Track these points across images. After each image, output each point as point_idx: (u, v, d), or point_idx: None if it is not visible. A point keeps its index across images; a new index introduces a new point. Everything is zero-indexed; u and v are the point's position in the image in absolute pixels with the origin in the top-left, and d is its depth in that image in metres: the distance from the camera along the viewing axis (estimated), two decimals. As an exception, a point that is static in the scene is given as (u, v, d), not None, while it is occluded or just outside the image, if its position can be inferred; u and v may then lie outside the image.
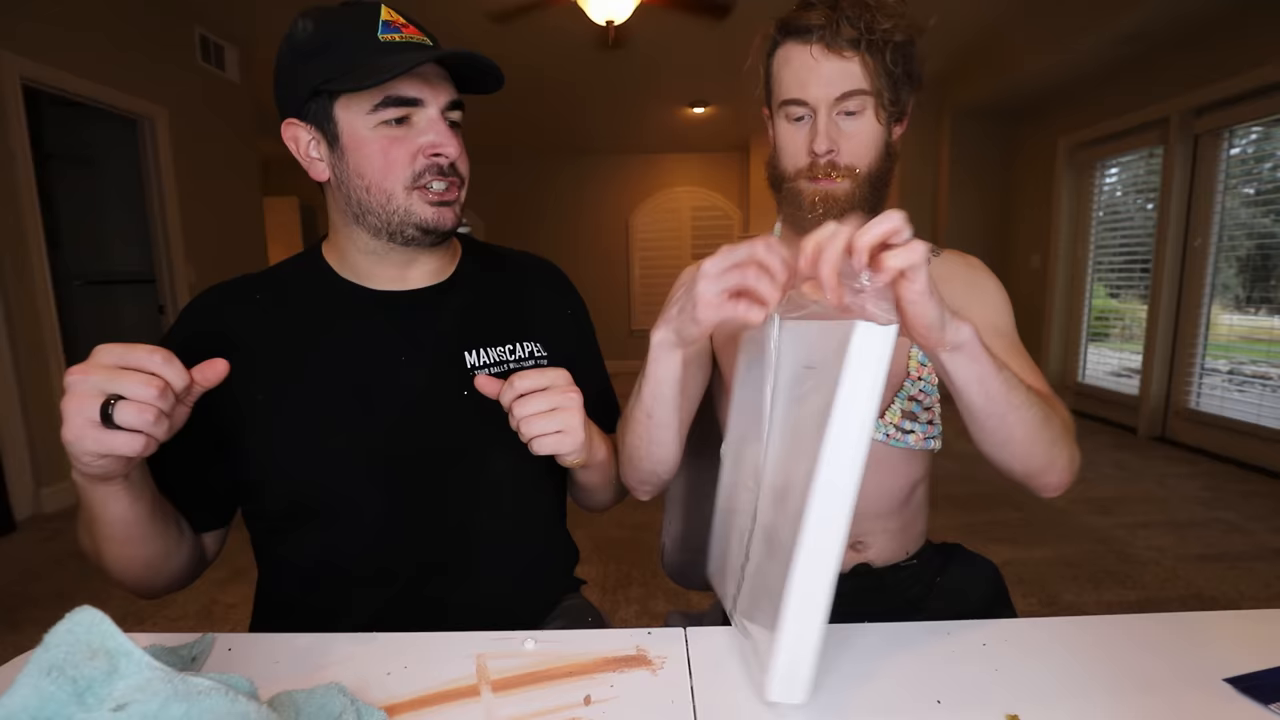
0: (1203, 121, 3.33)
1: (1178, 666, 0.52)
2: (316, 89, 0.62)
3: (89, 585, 2.13)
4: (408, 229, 0.66)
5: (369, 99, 0.62)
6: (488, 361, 0.72)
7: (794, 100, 0.72)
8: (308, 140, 0.66)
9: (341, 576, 0.69)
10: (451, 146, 0.65)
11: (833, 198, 0.74)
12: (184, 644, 0.55)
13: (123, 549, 0.60)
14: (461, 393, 0.69)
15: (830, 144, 0.71)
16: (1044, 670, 0.52)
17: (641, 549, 2.35)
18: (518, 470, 0.72)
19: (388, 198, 0.65)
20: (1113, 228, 4.14)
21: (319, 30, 0.62)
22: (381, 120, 0.63)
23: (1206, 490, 2.83)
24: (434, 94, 0.64)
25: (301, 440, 0.66)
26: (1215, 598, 1.92)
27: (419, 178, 0.65)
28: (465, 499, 0.70)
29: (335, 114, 0.63)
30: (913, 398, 0.78)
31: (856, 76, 0.70)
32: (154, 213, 3.50)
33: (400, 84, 0.62)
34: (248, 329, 0.67)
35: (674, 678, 0.52)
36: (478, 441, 0.70)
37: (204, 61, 3.74)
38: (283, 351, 0.67)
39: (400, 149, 0.64)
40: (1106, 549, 2.27)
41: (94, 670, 0.39)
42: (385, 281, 0.71)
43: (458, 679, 0.52)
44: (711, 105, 5.39)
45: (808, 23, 0.70)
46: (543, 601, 0.80)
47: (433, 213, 0.66)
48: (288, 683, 0.50)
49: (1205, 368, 3.47)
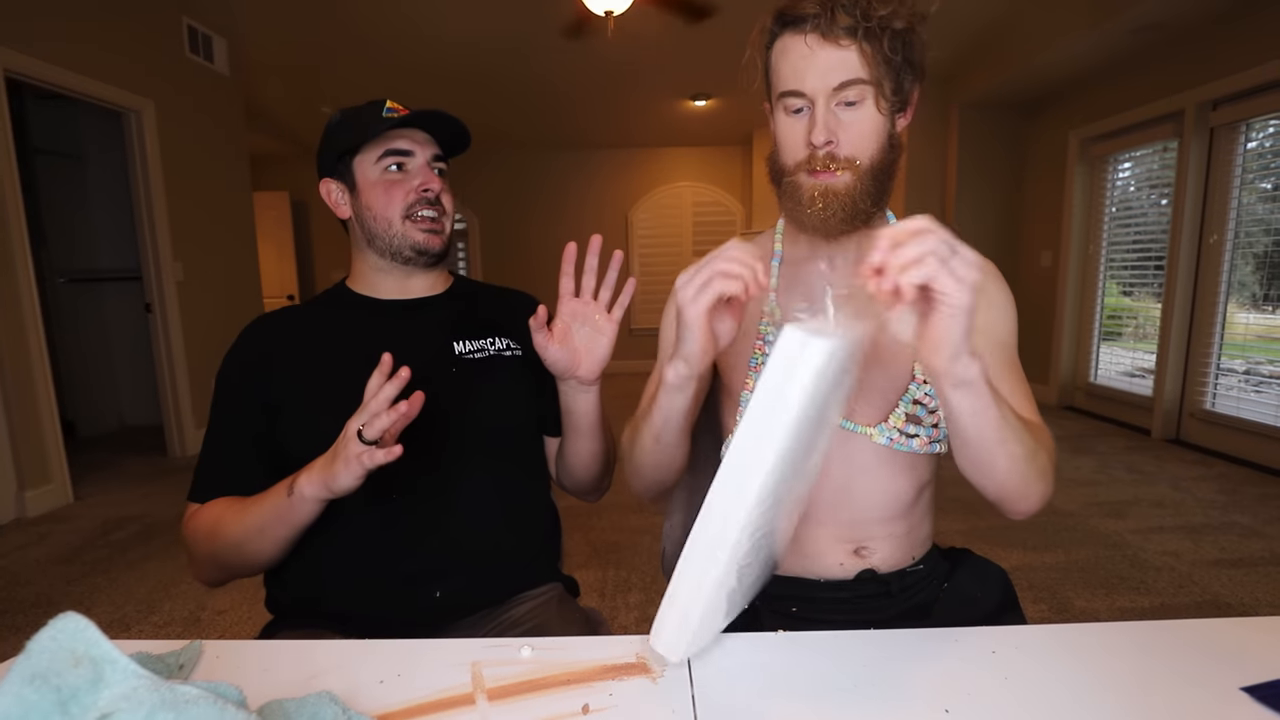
0: (1219, 114, 3.33)
1: (1193, 675, 0.52)
2: (342, 152, 0.89)
3: (73, 591, 2.13)
4: (405, 250, 0.90)
5: (375, 153, 0.88)
6: (472, 349, 0.93)
7: (792, 92, 0.72)
8: (336, 190, 0.92)
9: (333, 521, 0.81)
10: (435, 184, 0.89)
11: (832, 193, 0.74)
12: (171, 651, 0.55)
13: (283, 546, 0.78)
14: (450, 370, 0.90)
15: (829, 135, 0.72)
16: (1055, 679, 0.52)
17: (641, 553, 2.35)
18: (499, 430, 0.91)
19: (389, 224, 0.89)
20: (1126, 224, 4.14)
21: (344, 117, 0.92)
22: (385, 167, 0.88)
23: (1222, 493, 2.83)
24: (421, 149, 0.90)
25: (323, 410, 0.80)
26: (1231, 604, 1.92)
27: (411, 208, 0.89)
28: (452, 455, 0.87)
29: (354, 168, 0.90)
30: (917, 401, 0.78)
31: (854, 65, 0.70)
32: (141, 208, 3.50)
33: (396, 141, 0.88)
34: (292, 341, 0.90)
35: (675, 686, 0.52)
36: (462, 405, 0.89)
37: (192, 53, 3.74)
38: (316, 352, 0.89)
39: (398, 188, 0.88)
40: (1119, 554, 2.27)
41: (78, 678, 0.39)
42: (390, 293, 0.94)
43: (452, 687, 0.52)
44: (713, 98, 5.39)
45: (803, 11, 0.70)
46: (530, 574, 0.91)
47: (423, 237, 0.90)
48: (277, 691, 0.50)
49: (1221, 368, 3.47)
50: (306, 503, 0.72)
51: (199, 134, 3.80)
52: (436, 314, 0.94)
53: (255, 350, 0.88)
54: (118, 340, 4.51)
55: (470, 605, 0.85)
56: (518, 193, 6.88)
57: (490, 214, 6.91)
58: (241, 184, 4.24)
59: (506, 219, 6.91)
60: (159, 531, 2.64)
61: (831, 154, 0.73)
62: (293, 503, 0.73)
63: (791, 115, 0.74)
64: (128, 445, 4.08)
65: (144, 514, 2.85)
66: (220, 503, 0.82)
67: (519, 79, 4.82)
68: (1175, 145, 3.59)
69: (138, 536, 2.60)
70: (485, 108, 5.37)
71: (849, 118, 0.72)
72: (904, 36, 0.70)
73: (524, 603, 0.88)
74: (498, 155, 6.70)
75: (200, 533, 0.81)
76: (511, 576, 0.89)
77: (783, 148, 0.76)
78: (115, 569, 2.30)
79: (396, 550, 0.83)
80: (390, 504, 0.83)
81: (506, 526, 0.89)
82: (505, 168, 6.78)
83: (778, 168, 0.78)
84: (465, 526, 0.86)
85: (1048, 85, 4.32)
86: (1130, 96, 3.83)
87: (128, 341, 4.47)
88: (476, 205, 6.87)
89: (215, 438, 0.86)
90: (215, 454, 0.85)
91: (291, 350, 0.88)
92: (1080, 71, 4.03)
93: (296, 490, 0.72)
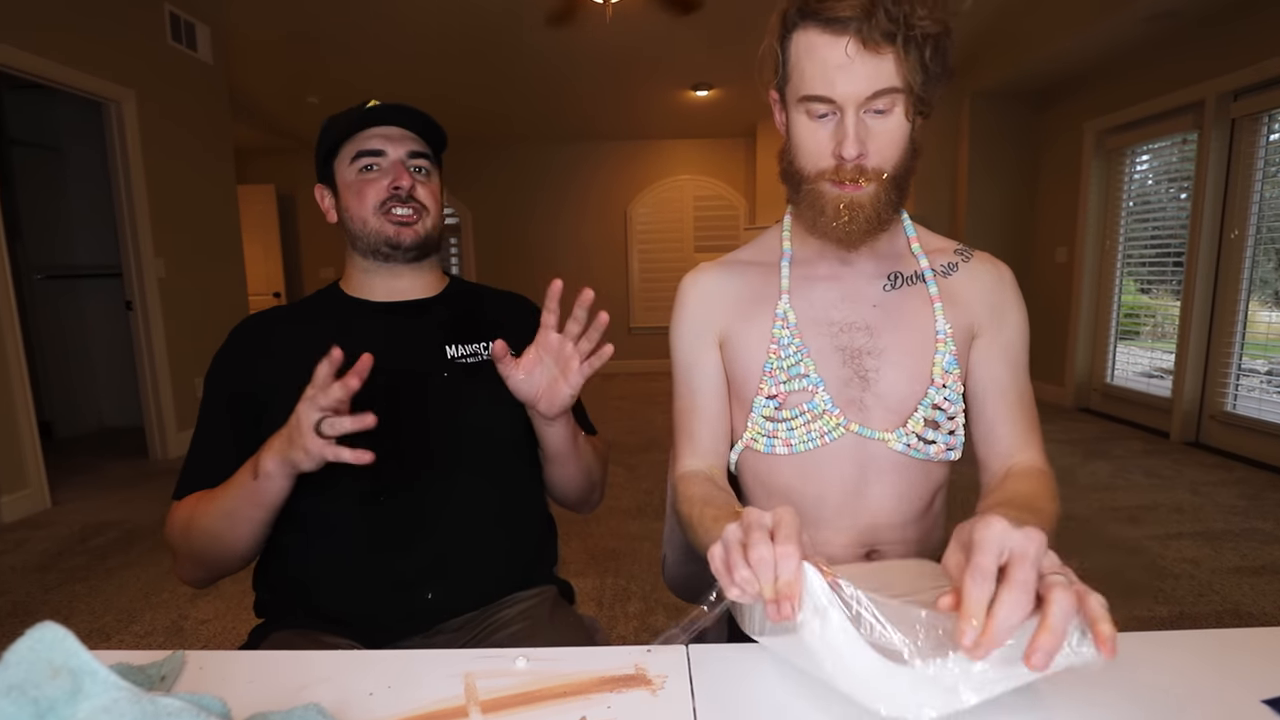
0: (1240, 105, 3.33)
1: (1213, 687, 0.52)
2: (326, 156, 0.94)
3: (51, 600, 2.13)
4: (380, 245, 0.92)
5: (349, 154, 0.91)
6: (464, 353, 0.94)
7: (818, 97, 0.71)
8: (326, 194, 0.96)
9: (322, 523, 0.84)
10: (405, 180, 0.90)
11: (858, 205, 0.74)
12: (152, 662, 0.55)
13: (256, 530, 0.80)
14: (442, 374, 0.92)
15: (860, 148, 0.71)
16: (1070, 690, 0.52)
17: (641, 560, 2.35)
18: (490, 434, 0.92)
19: (363, 222, 0.91)
20: (1143, 219, 4.15)
21: (332, 121, 0.94)
22: (359, 168, 0.91)
23: (1243, 498, 2.83)
24: (394, 146, 0.91)
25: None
26: (1253, 613, 1.92)
27: (383, 204, 0.91)
28: (443, 459, 0.88)
29: (335, 170, 0.94)
30: (936, 405, 0.78)
31: (889, 74, 0.69)
32: (121, 202, 3.49)
33: (369, 141, 0.91)
34: (281, 341, 0.91)
35: (675, 698, 0.52)
36: (453, 408, 0.91)
37: (174, 41, 3.74)
38: (308, 354, 0.85)
39: (370, 187, 0.91)
40: (1136, 561, 2.27)
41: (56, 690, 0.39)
42: (382, 294, 0.96)
43: (444, 699, 0.52)
44: (715, 88, 5.39)
45: (838, 13, 0.67)
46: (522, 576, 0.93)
47: (393, 229, 0.91)
48: (263, 703, 0.50)
49: (1242, 368, 3.47)
50: (274, 479, 0.73)
51: (182, 125, 3.80)
52: (430, 317, 0.97)
53: (244, 351, 0.91)
54: (97, 339, 4.52)
55: (462, 607, 0.86)
56: (512, 187, 6.88)
57: (483, 209, 6.91)
58: (226, 177, 4.24)
59: (500, 214, 6.91)
60: (140, 538, 2.64)
61: (860, 166, 0.72)
62: (260, 483, 0.74)
63: (815, 120, 0.73)
64: (107, 448, 4.08)
65: (124, 519, 2.85)
66: (194, 496, 0.83)
67: (512, 68, 4.82)
68: (1195, 137, 3.59)
69: (118, 543, 2.60)
70: (478, 98, 5.37)
71: (878, 127, 0.71)
72: (940, 42, 0.69)
73: (516, 604, 0.88)
74: (490, 148, 6.70)
75: (177, 528, 0.83)
76: (503, 579, 0.90)
77: (802, 152, 0.75)
78: (94, 577, 2.30)
79: (387, 553, 0.84)
80: (380, 507, 0.85)
81: (498, 529, 0.90)
82: (499, 161, 6.78)
83: (795, 171, 0.77)
84: (456, 530, 0.87)
85: (1061, 75, 4.33)
86: (1148, 87, 3.83)
87: (108, 340, 4.47)
88: (469, 200, 6.87)
89: (201, 438, 0.88)
90: (200, 454, 0.87)
91: (280, 351, 0.89)
92: (1095, 61, 4.04)
93: (262, 469, 0.73)
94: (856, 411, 0.79)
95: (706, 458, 0.84)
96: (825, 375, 0.79)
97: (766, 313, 0.82)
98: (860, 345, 0.80)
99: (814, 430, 0.79)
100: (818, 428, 0.79)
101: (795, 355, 0.80)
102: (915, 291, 0.82)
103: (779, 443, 0.81)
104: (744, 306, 0.84)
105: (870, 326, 0.80)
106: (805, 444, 0.79)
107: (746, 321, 0.83)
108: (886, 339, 0.80)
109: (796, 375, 0.80)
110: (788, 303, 0.82)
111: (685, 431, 0.86)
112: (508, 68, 4.81)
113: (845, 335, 0.80)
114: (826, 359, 0.80)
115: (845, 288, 0.82)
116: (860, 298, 0.82)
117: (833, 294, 0.82)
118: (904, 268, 0.83)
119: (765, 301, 0.83)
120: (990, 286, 0.83)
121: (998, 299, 0.83)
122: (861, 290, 0.82)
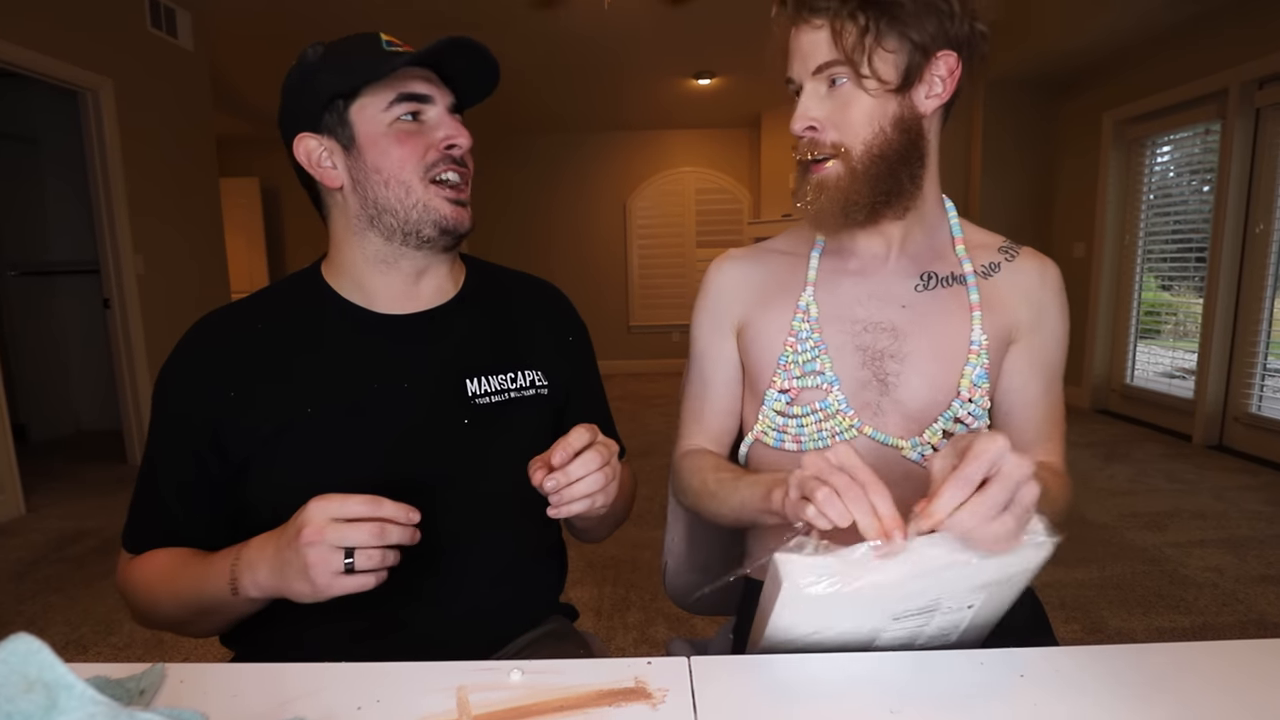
0: (1265, 93, 3.33)
1: (1237, 700, 0.52)
2: (334, 95, 0.73)
3: (25, 610, 2.13)
4: (425, 227, 0.75)
5: (384, 98, 0.73)
6: (489, 389, 0.80)
7: (786, 79, 0.75)
8: (319, 150, 0.75)
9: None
10: (463, 137, 0.76)
11: (823, 185, 0.75)
12: (131, 675, 0.55)
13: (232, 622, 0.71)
14: (462, 421, 0.78)
15: (807, 122, 0.73)
16: (1088, 705, 0.52)
17: (641, 569, 2.35)
18: (511, 497, 0.78)
19: (406, 190, 0.74)
20: (1165, 212, 4.15)
21: (329, 51, 0.74)
22: (396, 116, 0.73)
23: (1269, 504, 2.83)
24: (441, 93, 0.76)
25: (303, 467, 0.73)
26: (1279, 624, 1.92)
27: (432, 168, 0.74)
28: (456, 523, 0.77)
29: (351, 118, 0.74)
30: (959, 419, 0.78)
31: (826, 47, 0.71)
32: (98, 195, 3.49)
33: (412, 83, 0.73)
34: (253, 360, 0.75)
35: (676, 713, 0.52)
36: (475, 468, 0.78)
37: (154, 27, 3.74)
38: (288, 382, 0.75)
39: (415, 141, 0.74)
40: (1157, 569, 2.27)
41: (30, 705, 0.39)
42: (390, 301, 0.79)
43: (435, 714, 0.52)
44: (718, 76, 5.39)
45: None
46: (527, 622, 0.86)
47: (451, 210, 0.76)
48: (246, 718, 0.50)
49: (1268, 368, 3.47)
50: (257, 602, 0.65)
51: (162, 115, 3.80)
52: (449, 337, 0.81)
53: (203, 366, 0.74)
54: (73, 338, 4.52)
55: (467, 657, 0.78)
56: (506, 179, 6.88)
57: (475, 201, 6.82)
58: (208, 169, 4.24)
59: (493, 207, 6.91)
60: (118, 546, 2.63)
61: (814, 140, 0.74)
62: (239, 601, 0.64)
63: (793, 101, 0.77)
64: (84, 451, 4.08)
65: (102, 527, 2.85)
66: (156, 560, 0.73)
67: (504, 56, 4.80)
68: (1218, 127, 3.59)
69: (95, 551, 2.60)
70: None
71: (834, 102, 0.73)
72: (888, 7, 0.70)
73: (521, 639, 0.85)
74: (482, 138, 6.69)
75: (136, 593, 0.74)
76: (512, 629, 0.85)
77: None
78: (71, 586, 2.30)
79: (388, 621, 0.75)
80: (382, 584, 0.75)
81: (511, 584, 0.83)
82: (492, 153, 6.77)
83: None
84: (468, 591, 0.79)
85: (1079, 62, 4.32)
86: (1168, 75, 3.84)
87: (85, 340, 4.47)
88: (462, 192, 6.86)
89: (150, 474, 0.75)
90: (150, 495, 0.75)
91: (251, 370, 0.74)
92: (1113, 48, 4.04)
93: (243, 592, 0.63)
94: (872, 415, 0.79)
95: (710, 445, 0.87)
96: (841, 374, 0.79)
97: (789, 303, 0.83)
98: (883, 347, 0.79)
99: (825, 430, 0.79)
100: (830, 427, 0.79)
101: (812, 350, 0.80)
102: (952, 294, 0.80)
103: (789, 438, 0.81)
104: (768, 295, 0.84)
105: (896, 328, 0.79)
106: (815, 442, 0.79)
107: (767, 310, 0.84)
108: (913, 343, 0.79)
109: (811, 371, 0.80)
110: (811, 295, 0.82)
111: (693, 415, 0.89)
112: (499, 55, 4.80)
113: (868, 335, 0.80)
114: (845, 357, 0.80)
115: (873, 285, 0.81)
116: (888, 296, 0.81)
117: (859, 290, 0.81)
118: (940, 268, 0.82)
119: (789, 292, 0.83)
120: (1033, 286, 0.82)
121: (1039, 300, 0.82)
122: (891, 289, 0.81)
